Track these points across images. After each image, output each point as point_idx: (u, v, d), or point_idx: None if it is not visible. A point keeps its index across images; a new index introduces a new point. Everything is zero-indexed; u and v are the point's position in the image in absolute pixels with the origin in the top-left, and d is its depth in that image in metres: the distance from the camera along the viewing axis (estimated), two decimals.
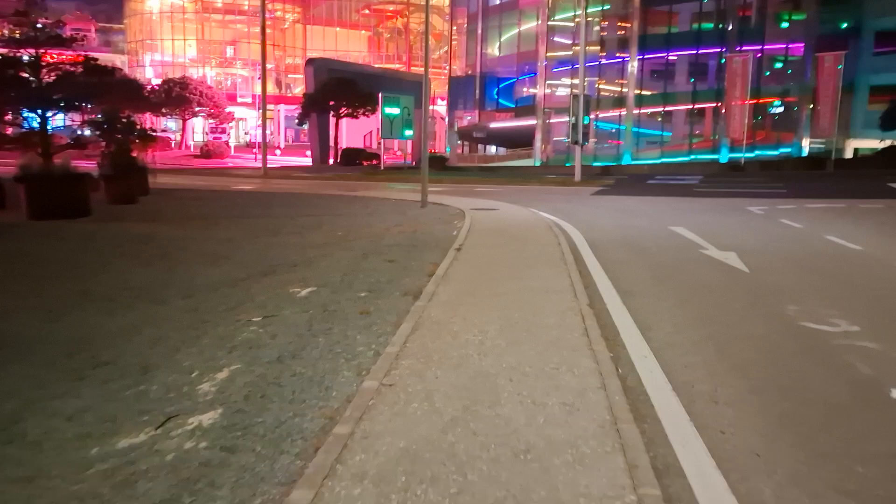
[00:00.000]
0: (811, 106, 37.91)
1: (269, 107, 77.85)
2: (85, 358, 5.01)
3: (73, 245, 11.13)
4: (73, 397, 4.19)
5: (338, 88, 41.75)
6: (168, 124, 64.96)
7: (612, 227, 12.97)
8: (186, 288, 7.45)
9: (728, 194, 22.34)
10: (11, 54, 16.06)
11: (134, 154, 22.31)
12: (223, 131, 63.67)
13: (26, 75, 16.60)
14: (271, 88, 78.72)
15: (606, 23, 44.15)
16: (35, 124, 16.94)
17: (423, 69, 16.82)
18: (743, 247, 10.68)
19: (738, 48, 38.75)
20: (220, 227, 13.66)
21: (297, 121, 47.41)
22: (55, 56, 17.34)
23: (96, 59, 17.03)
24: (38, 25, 16.68)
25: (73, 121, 21.23)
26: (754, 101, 37.94)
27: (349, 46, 77.79)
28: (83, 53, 17.95)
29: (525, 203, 18.16)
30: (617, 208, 17.44)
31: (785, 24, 41.05)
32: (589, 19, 40.64)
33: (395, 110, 37.55)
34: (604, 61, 43.44)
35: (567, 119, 43.88)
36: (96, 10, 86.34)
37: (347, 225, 13.39)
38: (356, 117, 44.12)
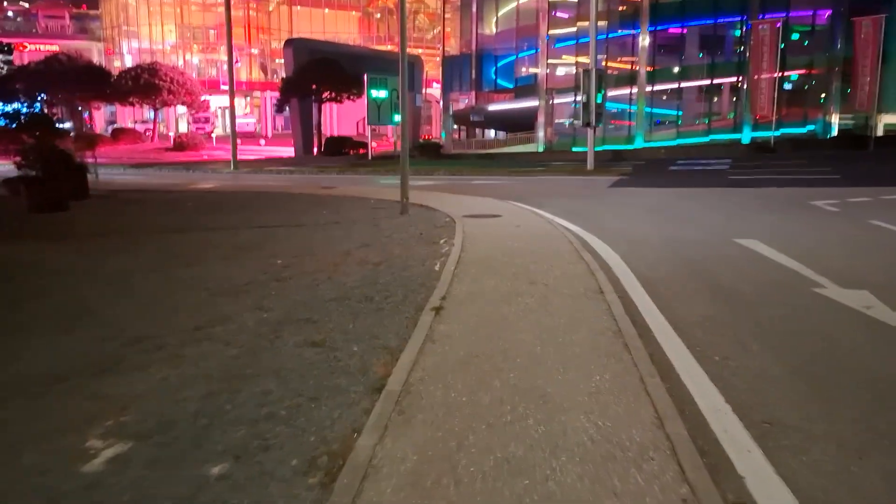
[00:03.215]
0: (842, 78, 34.11)
1: (255, 93, 73.92)
2: None
3: None
4: None
5: (320, 71, 37.74)
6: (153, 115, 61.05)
7: (659, 243, 9.33)
8: None
9: (771, 182, 18.70)
10: None
11: (65, 150, 18.84)
12: (206, 120, 59.92)
13: None
14: (256, 74, 74.80)
15: None
16: None
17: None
18: (867, 277, 7.10)
19: (760, 16, 34.81)
20: (133, 248, 10.43)
21: (275, 107, 43.43)
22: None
23: None
24: None
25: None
26: (780, 74, 34.04)
27: (338, 28, 73.62)
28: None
29: (533, 201, 14.51)
30: (649, 207, 13.78)
31: None
32: None
33: (383, 93, 33.68)
34: (611, 35, 39.34)
35: (572, 99, 40.17)
36: None
37: (297, 245, 9.82)
38: (340, 101, 40.17)
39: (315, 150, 41.59)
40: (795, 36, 37.02)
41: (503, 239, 9.18)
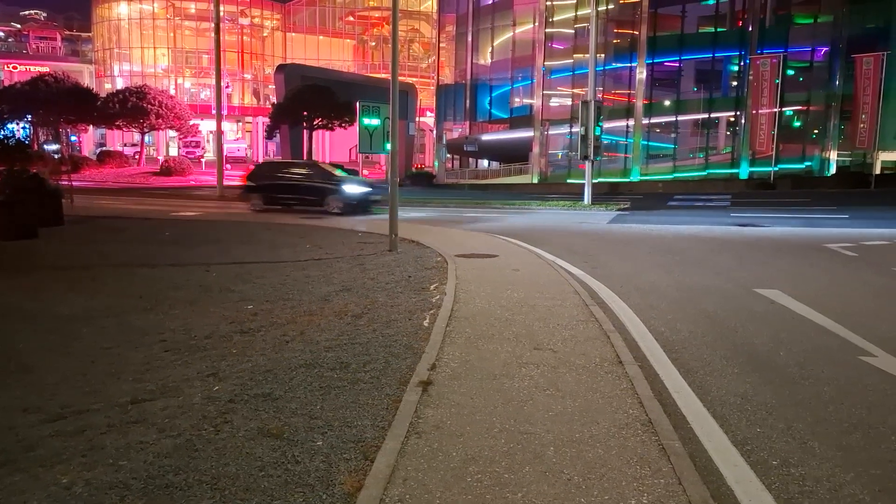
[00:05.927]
0: (840, 114, 33.64)
1: (248, 119, 73.25)
2: None
3: None
4: None
5: (311, 97, 37.00)
6: (147, 139, 60.21)
7: (674, 293, 8.42)
8: None
9: (776, 221, 17.93)
10: None
11: (38, 174, 17.89)
12: (197, 145, 59.01)
13: None
14: (249, 99, 74.24)
15: (612, 25, 39.65)
16: None
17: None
18: None
19: (759, 51, 34.43)
20: (94, 285, 9.47)
21: (266, 133, 42.64)
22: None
23: None
24: None
25: None
26: (779, 110, 33.50)
27: (332, 55, 73.28)
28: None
29: (530, 237, 13.64)
30: (654, 247, 12.92)
31: (809, 22, 36.59)
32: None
33: (375, 121, 32.69)
34: (608, 67, 38.87)
35: (567, 130, 39.59)
36: (69, 19, 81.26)
37: (272, 287, 8.84)
38: (332, 129, 39.37)
39: None
40: (801, 70, 36.57)
41: (501, 287, 8.24)
